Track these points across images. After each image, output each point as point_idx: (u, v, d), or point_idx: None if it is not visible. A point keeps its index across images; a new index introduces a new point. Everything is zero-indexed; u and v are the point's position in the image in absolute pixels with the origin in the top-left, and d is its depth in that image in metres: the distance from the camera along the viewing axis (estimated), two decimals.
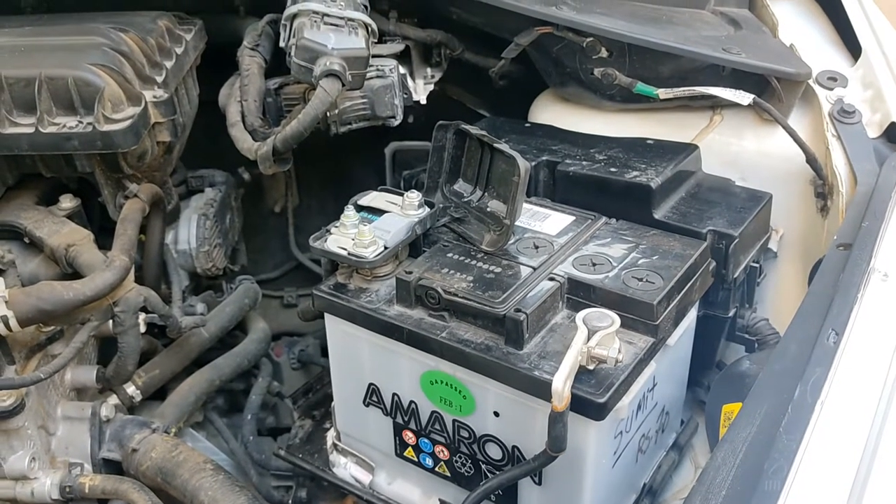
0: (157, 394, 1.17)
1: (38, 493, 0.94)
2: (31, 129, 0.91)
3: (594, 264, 0.81)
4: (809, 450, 0.60)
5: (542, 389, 0.69)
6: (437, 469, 0.86)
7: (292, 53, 0.96)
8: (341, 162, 1.53)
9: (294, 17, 0.99)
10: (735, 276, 0.91)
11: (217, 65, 1.19)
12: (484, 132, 0.85)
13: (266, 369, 1.33)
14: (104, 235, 1.06)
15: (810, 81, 1.04)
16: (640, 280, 0.78)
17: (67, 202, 1.05)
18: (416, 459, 0.87)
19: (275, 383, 1.34)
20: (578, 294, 0.79)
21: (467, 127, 0.87)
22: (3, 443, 0.91)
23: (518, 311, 0.74)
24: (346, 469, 0.95)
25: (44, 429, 0.97)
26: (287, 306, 1.58)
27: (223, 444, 1.25)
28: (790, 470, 0.59)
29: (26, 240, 1.00)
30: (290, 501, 1.17)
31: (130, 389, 1.09)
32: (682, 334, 0.85)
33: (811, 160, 0.97)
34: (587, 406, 0.70)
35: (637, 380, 0.75)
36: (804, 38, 1.16)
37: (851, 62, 1.12)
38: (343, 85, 0.95)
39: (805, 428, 0.62)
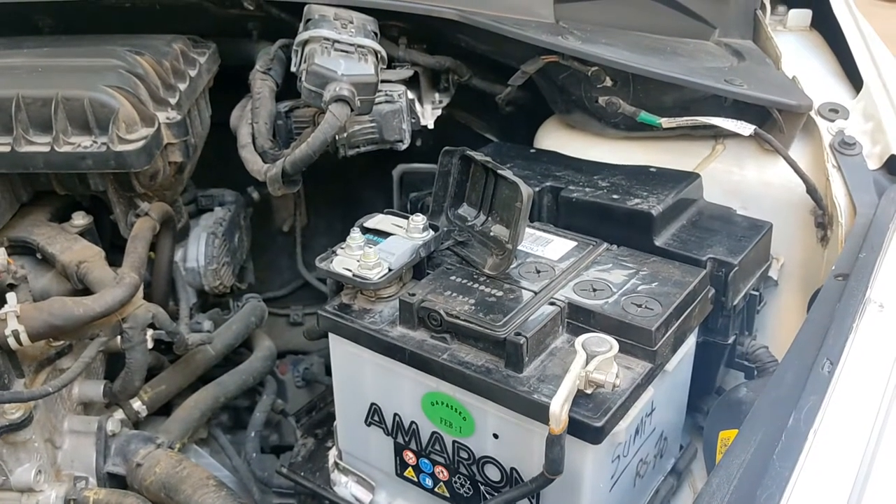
0: (163, 409, 1.18)
1: None
2: (46, 148, 0.94)
3: (594, 290, 0.83)
4: (802, 477, 0.61)
5: (540, 412, 0.71)
6: (436, 490, 0.87)
7: (303, 78, 0.98)
8: (350, 183, 1.55)
9: (305, 42, 1.01)
10: (734, 303, 0.93)
11: (229, 87, 1.22)
12: (488, 158, 0.87)
13: (270, 387, 1.35)
14: (115, 252, 1.08)
15: (812, 113, 1.06)
16: (640, 306, 0.80)
17: (80, 219, 1.07)
18: (416, 480, 0.88)
19: (279, 401, 1.35)
20: (578, 319, 0.80)
21: (472, 153, 0.89)
22: (10, 455, 0.92)
23: (518, 334, 0.75)
24: (346, 488, 0.96)
25: (50, 442, 0.98)
26: (293, 324, 1.59)
27: (226, 460, 1.26)
28: (782, 497, 0.60)
29: (39, 255, 1.02)
30: None
31: (136, 405, 1.10)
32: (681, 360, 0.86)
33: (811, 190, 0.99)
34: (584, 430, 0.71)
35: (635, 405, 0.76)
36: (807, 70, 1.18)
37: (853, 94, 1.14)
38: (352, 110, 0.97)
39: (798, 456, 0.63)
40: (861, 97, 1.10)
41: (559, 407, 0.67)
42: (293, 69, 1.04)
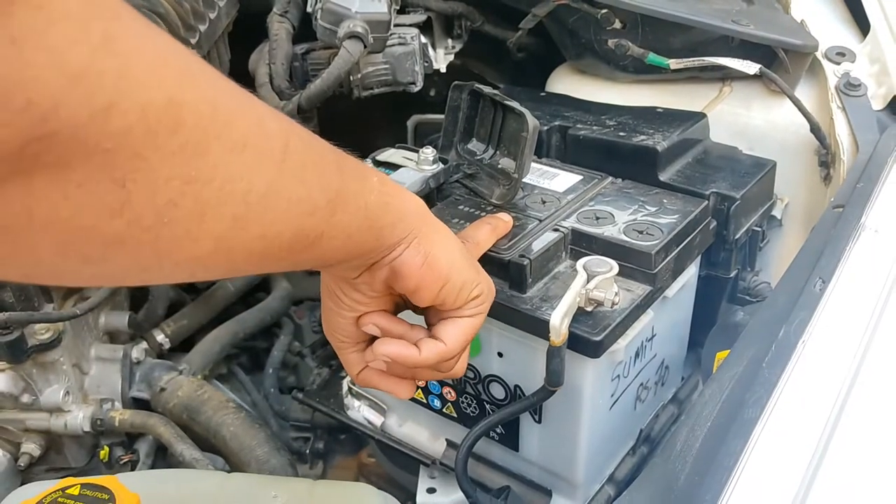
0: (185, 347, 1.23)
1: (71, 426, 1.00)
2: None
3: (597, 218, 0.86)
4: (790, 383, 0.64)
5: (542, 328, 0.74)
6: (444, 410, 0.91)
7: (318, 17, 1.01)
8: (366, 134, 1.58)
9: None
10: (736, 237, 0.95)
11: (250, 35, 1.25)
12: (497, 92, 0.89)
13: (288, 328, 1.39)
14: None
15: (818, 55, 1.07)
16: (641, 233, 0.83)
17: None
18: (425, 401, 0.92)
19: (296, 343, 1.40)
20: (581, 244, 0.83)
21: (481, 87, 0.91)
22: (39, 375, 0.97)
23: (522, 256, 0.78)
24: (359, 412, 1.00)
25: (78, 367, 1.03)
26: (310, 273, 1.63)
27: (246, 396, 1.31)
28: (769, 399, 0.63)
29: None
30: (307, 451, 1.23)
31: (160, 337, 1.15)
32: (682, 289, 0.89)
33: (815, 129, 1.01)
34: (584, 344, 0.74)
35: (634, 325, 0.79)
36: (816, 14, 1.18)
37: (861, 39, 1.15)
38: (365, 46, 1.00)
39: (786, 364, 0.66)
40: (868, 41, 1.12)
41: (559, 320, 0.70)
42: (309, 9, 1.07)
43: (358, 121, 1.51)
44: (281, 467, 0.94)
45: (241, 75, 1.23)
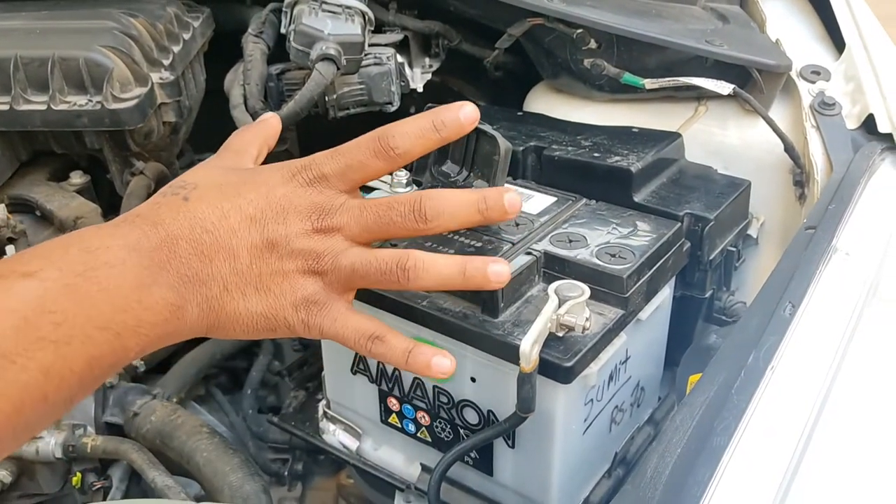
0: (161, 368, 1.22)
1: (43, 452, 0.99)
2: (44, 107, 0.97)
3: (570, 241, 0.85)
4: (758, 410, 0.64)
5: (513, 354, 0.73)
6: (419, 434, 0.90)
7: (291, 38, 1.01)
8: None
9: (294, 4, 1.04)
10: (711, 258, 0.95)
11: (226, 55, 1.25)
12: None
13: (267, 348, 1.38)
14: (112, 212, 1.11)
15: (792, 74, 1.08)
16: (613, 256, 0.82)
17: (77, 178, 1.10)
18: (399, 426, 0.91)
19: (276, 363, 1.39)
20: (554, 268, 0.83)
21: None
22: None
23: None
24: (334, 436, 0.99)
25: None
26: None
27: (224, 417, 1.30)
28: (737, 427, 0.63)
29: (38, 213, 1.05)
30: (286, 473, 1.22)
31: (136, 360, 1.14)
32: (656, 310, 0.89)
33: (788, 148, 1.01)
34: (555, 370, 0.74)
35: (606, 349, 0.79)
36: (791, 33, 1.19)
37: (836, 57, 1.15)
38: (338, 68, 1.00)
39: (755, 390, 0.66)
40: (843, 59, 1.12)
41: (529, 346, 0.70)
42: (283, 30, 1.07)
43: (336, 140, 1.50)
44: (254, 494, 0.93)
45: (217, 94, 1.23)
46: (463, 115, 0.64)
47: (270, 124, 0.73)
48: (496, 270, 0.58)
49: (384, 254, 0.57)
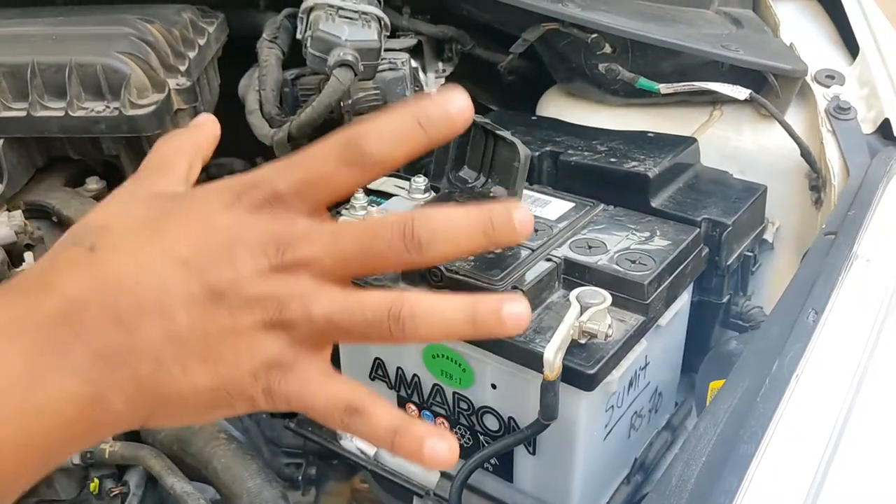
0: None
1: None
2: (61, 113, 0.97)
3: (590, 247, 0.85)
4: (784, 418, 0.64)
5: (535, 361, 0.73)
6: None
7: (308, 45, 1.01)
8: None
9: (311, 10, 1.04)
10: (728, 263, 0.95)
11: (239, 59, 1.25)
12: (487, 120, 0.89)
13: None
14: None
15: (807, 79, 1.08)
16: (633, 262, 0.82)
17: (94, 184, 1.10)
18: None
19: None
20: (574, 275, 0.83)
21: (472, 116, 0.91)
22: None
23: (515, 287, 0.78)
24: (352, 441, 0.99)
25: None
26: None
27: (238, 422, 1.30)
28: (764, 434, 0.63)
29: (54, 218, 1.05)
30: (299, 478, 1.22)
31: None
32: (675, 316, 0.89)
33: (805, 153, 1.01)
34: (578, 377, 0.74)
35: (627, 355, 0.79)
36: (805, 37, 1.19)
37: (850, 61, 1.15)
38: (355, 74, 1.00)
39: (780, 398, 0.66)
40: (857, 64, 1.12)
41: (553, 354, 0.70)
42: (298, 36, 1.07)
43: None
44: (273, 499, 0.92)
45: (231, 100, 1.23)
46: (454, 109, 0.46)
47: (204, 127, 0.53)
48: (513, 313, 0.43)
49: (370, 298, 0.42)
